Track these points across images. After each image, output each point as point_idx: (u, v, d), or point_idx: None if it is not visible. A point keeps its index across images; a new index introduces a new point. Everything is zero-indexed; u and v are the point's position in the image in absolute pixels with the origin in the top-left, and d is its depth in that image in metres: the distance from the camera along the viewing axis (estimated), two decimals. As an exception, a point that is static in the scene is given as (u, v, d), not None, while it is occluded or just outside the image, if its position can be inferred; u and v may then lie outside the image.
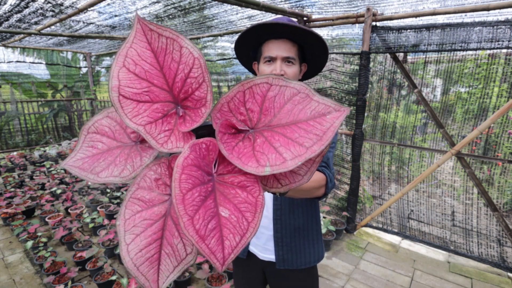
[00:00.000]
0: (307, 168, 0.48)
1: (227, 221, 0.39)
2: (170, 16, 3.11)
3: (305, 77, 1.13)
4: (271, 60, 0.99)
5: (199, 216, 0.38)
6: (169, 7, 2.78)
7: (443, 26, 2.25)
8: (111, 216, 3.22)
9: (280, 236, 1.07)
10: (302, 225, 1.08)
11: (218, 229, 0.39)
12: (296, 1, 2.56)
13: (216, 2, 2.41)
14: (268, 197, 1.07)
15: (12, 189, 3.95)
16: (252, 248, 1.15)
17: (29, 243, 2.57)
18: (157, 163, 0.44)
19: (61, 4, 2.67)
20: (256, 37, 1.00)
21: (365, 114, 2.82)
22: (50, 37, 4.31)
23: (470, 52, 2.40)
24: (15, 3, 2.64)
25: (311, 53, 1.03)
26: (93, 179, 0.45)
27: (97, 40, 4.79)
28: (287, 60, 0.98)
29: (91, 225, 3.03)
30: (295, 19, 2.92)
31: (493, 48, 2.11)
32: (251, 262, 1.16)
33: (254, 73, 1.12)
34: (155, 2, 2.67)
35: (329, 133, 0.41)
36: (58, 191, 3.82)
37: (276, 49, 0.97)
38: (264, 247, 1.11)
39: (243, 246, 0.39)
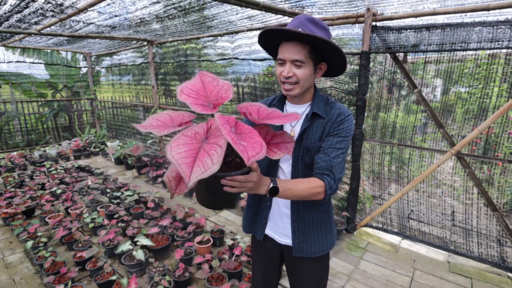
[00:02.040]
0: (290, 145, 0.96)
1: (248, 146, 0.74)
2: (170, 17, 3.11)
3: (328, 74, 1.18)
4: (283, 62, 1.05)
5: (232, 135, 0.72)
6: (169, 7, 2.78)
7: (443, 26, 2.25)
8: (111, 216, 3.22)
9: (296, 226, 1.20)
10: (316, 219, 1.21)
11: (243, 146, 0.72)
12: (296, 1, 2.55)
13: (216, 2, 2.41)
14: None
15: (12, 189, 3.95)
16: (271, 233, 1.29)
17: (29, 243, 2.57)
18: (197, 126, 0.80)
19: (61, 4, 2.67)
20: (270, 39, 1.08)
21: (365, 114, 2.82)
22: (50, 37, 4.31)
23: (470, 52, 2.40)
24: (15, 3, 2.64)
25: (326, 54, 1.06)
26: (156, 132, 0.77)
27: (97, 40, 4.80)
28: (295, 62, 1.02)
29: (91, 225, 3.03)
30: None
31: (493, 48, 2.11)
32: (270, 244, 1.31)
33: None
34: (155, 3, 2.67)
35: (288, 118, 0.89)
36: (58, 191, 3.82)
37: (286, 51, 1.03)
38: (282, 233, 1.25)
39: (259, 157, 0.72)
